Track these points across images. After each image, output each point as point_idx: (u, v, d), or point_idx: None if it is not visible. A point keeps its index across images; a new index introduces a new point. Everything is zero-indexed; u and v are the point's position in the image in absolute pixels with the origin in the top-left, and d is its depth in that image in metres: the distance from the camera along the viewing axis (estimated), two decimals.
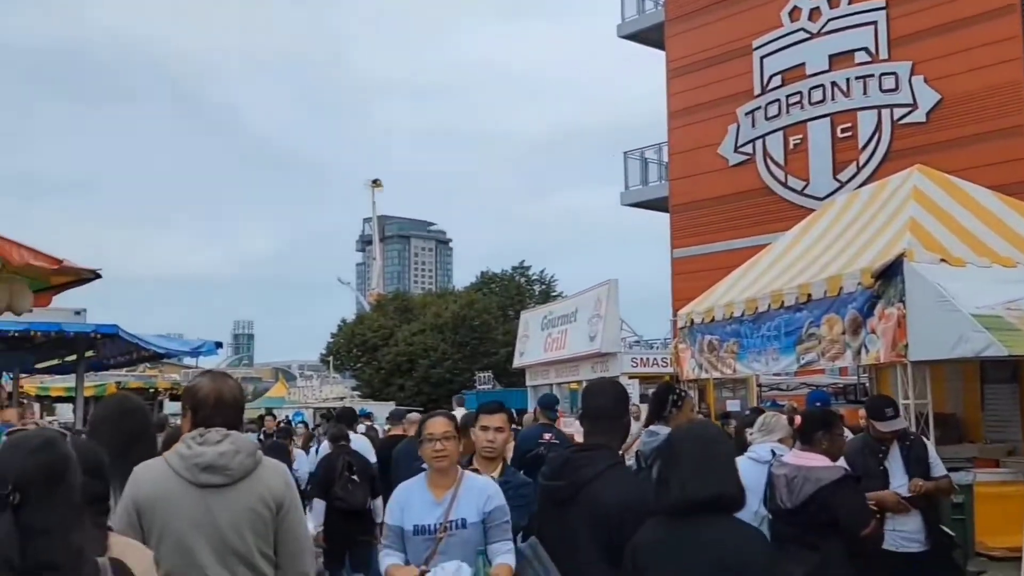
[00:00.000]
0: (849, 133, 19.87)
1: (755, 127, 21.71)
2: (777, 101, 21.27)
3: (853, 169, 19.67)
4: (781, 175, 21.15)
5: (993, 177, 13.38)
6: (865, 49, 19.66)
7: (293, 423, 21.74)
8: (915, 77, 18.79)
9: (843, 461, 5.27)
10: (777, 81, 21.29)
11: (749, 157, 21.81)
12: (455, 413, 7.14)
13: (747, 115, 21.86)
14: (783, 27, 21.19)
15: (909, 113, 18.91)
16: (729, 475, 3.14)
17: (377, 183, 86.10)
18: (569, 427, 13.67)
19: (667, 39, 24.16)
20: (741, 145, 21.98)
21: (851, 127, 19.84)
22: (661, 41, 24.48)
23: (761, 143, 21.59)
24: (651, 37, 25.31)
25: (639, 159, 26.23)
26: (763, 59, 21.61)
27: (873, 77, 19.47)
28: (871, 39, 19.55)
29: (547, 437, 8.19)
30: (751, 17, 21.90)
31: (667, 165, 24.67)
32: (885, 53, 19.33)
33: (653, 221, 29.95)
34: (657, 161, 25.79)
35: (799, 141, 20.82)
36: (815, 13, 20.56)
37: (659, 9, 25.13)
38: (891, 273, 7.46)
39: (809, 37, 20.67)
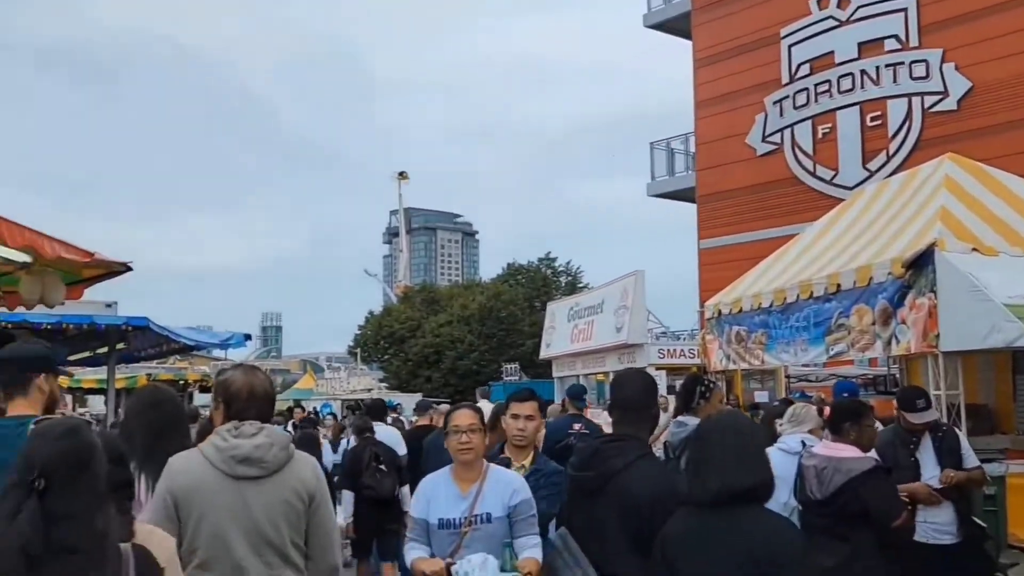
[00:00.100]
0: (879, 122, 19.65)
1: (783, 116, 21.53)
2: (806, 90, 21.07)
3: (883, 158, 19.47)
4: (810, 164, 20.96)
5: None
6: (895, 36, 19.42)
7: (321, 415, 21.93)
8: (946, 64, 18.55)
9: (874, 453, 5.24)
10: (805, 70, 21.09)
11: (777, 147, 21.64)
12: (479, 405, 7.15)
13: (775, 104, 21.68)
14: (811, 15, 20.97)
15: (940, 101, 18.67)
16: (763, 464, 3.16)
17: (403, 175, 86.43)
18: (595, 418, 13.61)
19: (694, 28, 24.01)
20: (769, 134, 21.81)
21: (881, 115, 19.62)
22: (688, 30, 24.32)
23: (789, 132, 21.41)
24: (677, 26, 25.14)
25: (665, 149, 26.08)
26: (791, 47, 21.41)
27: (903, 65, 19.23)
28: (901, 26, 19.31)
29: (577, 427, 8.20)
30: (779, 5, 21.71)
31: (694, 155, 24.52)
32: (915, 40, 19.09)
33: (680, 212, 29.88)
34: (684, 151, 25.64)
35: (828, 130, 20.62)
36: (844, 1, 20.34)
37: None
38: (922, 263, 7.37)
39: (838, 25, 20.45)
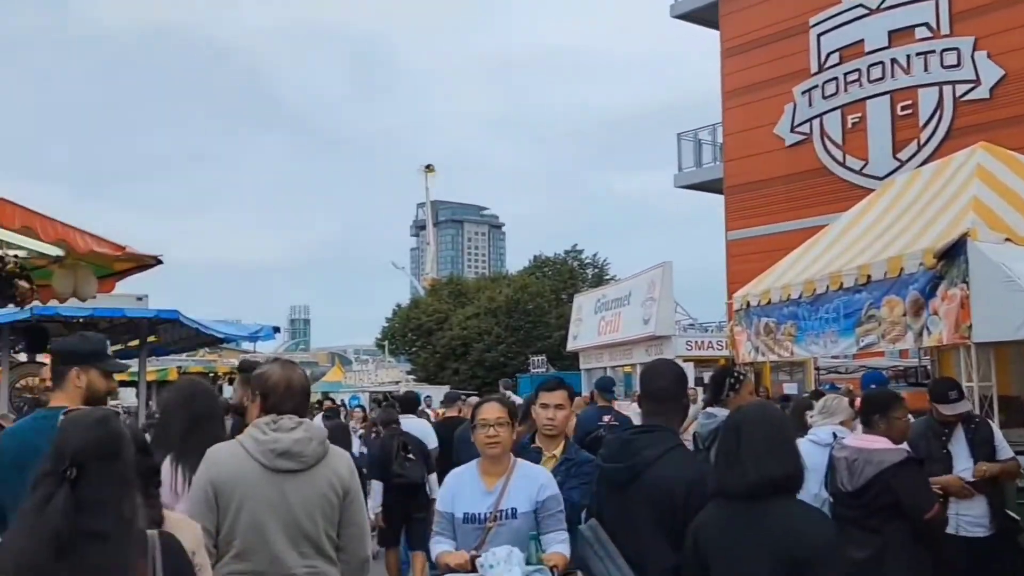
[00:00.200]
0: (909, 111, 19.44)
1: (812, 106, 21.35)
2: (835, 79, 20.88)
3: (914, 147, 19.27)
4: (839, 155, 20.79)
5: None
6: (926, 24, 19.20)
7: (349, 407, 22.04)
8: (978, 52, 18.33)
9: (906, 445, 5.20)
10: (835, 59, 20.90)
11: (806, 137, 21.48)
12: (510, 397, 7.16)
13: (804, 94, 21.51)
14: (841, 3, 20.77)
15: (972, 89, 18.46)
16: (794, 455, 3.17)
17: (430, 168, 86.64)
18: (624, 411, 13.61)
19: (721, 18, 23.85)
20: (798, 125, 21.65)
21: (911, 105, 19.42)
22: (715, 20, 24.16)
23: (818, 122, 21.23)
24: (705, 16, 24.98)
25: (693, 140, 25.95)
26: (820, 36, 21.22)
27: (934, 53, 19.02)
28: (932, 14, 19.09)
29: (606, 419, 8.25)
30: None
31: (721, 146, 24.40)
32: (947, 28, 18.87)
33: (707, 203, 29.72)
34: (711, 142, 25.51)
35: (858, 120, 20.44)
36: None
37: None
38: (954, 253, 7.29)
39: (868, 13, 20.24)
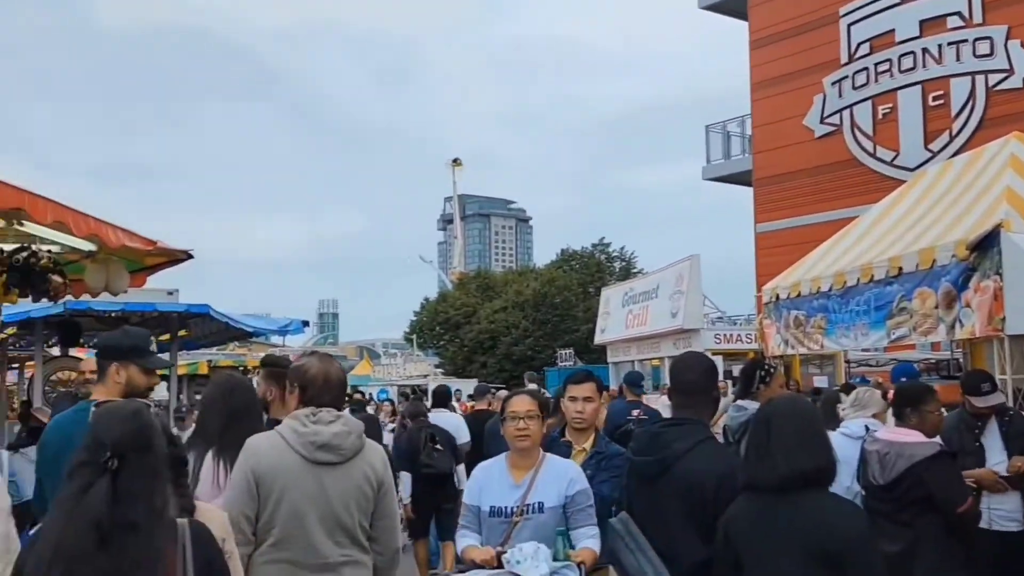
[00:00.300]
0: (941, 101, 19.20)
1: (842, 97, 21.14)
2: (865, 70, 20.65)
3: (946, 138, 19.04)
4: (870, 146, 20.58)
5: None
6: (958, 14, 18.95)
7: (378, 400, 22.21)
8: (1011, 41, 18.06)
9: (939, 438, 5.15)
10: (865, 49, 20.67)
11: (836, 128, 21.28)
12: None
13: (833, 85, 21.30)
14: None
15: (1005, 79, 18.19)
16: (826, 448, 3.16)
17: (457, 162, 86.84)
18: (652, 404, 13.60)
19: (749, 9, 23.66)
20: (827, 116, 21.44)
21: (943, 95, 19.17)
22: (743, 11, 23.98)
23: (848, 113, 21.02)
24: (733, 7, 24.78)
25: (721, 132, 25.79)
26: (850, 27, 21.00)
27: (967, 42, 18.76)
28: (964, 3, 18.82)
29: (636, 413, 8.27)
30: None
31: (750, 138, 24.23)
32: (979, 17, 18.61)
33: (736, 195, 29.48)
34: (740, 134, 25.34)
35: (888, 110, 20.21)
36: None
37: None
38: (987, 244, 7.19)
39: (899, 3, 19.98)
